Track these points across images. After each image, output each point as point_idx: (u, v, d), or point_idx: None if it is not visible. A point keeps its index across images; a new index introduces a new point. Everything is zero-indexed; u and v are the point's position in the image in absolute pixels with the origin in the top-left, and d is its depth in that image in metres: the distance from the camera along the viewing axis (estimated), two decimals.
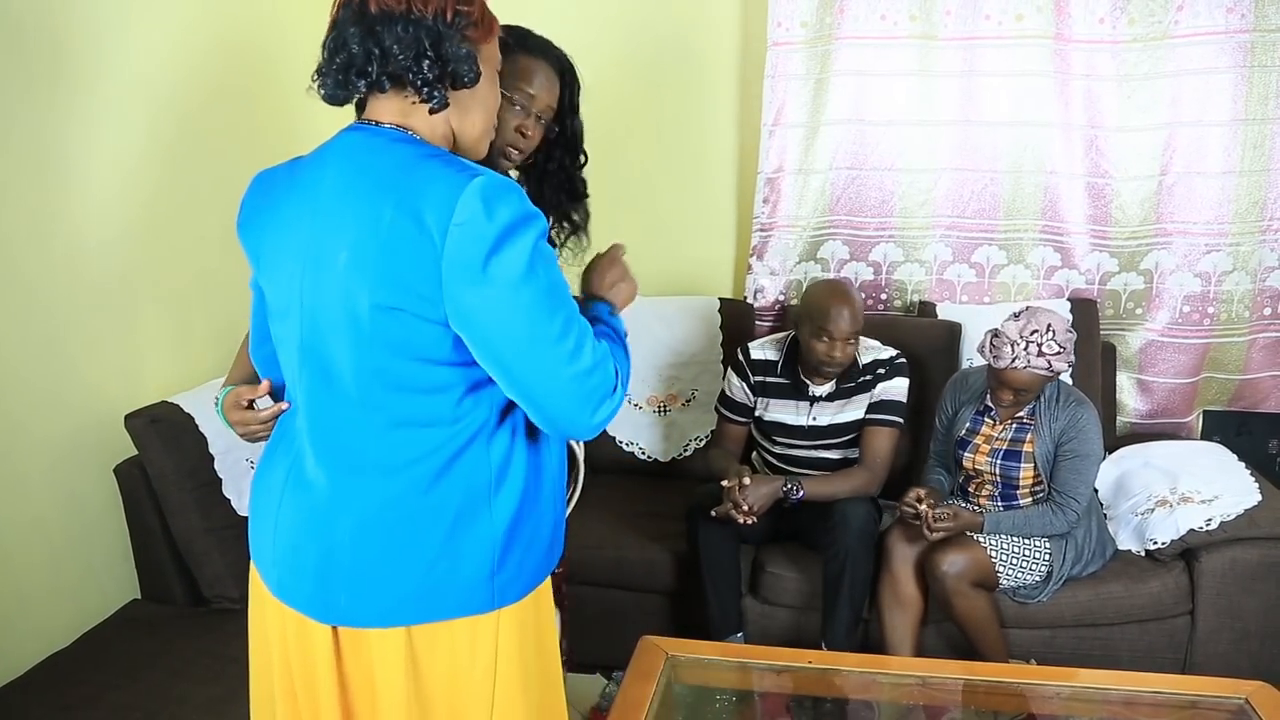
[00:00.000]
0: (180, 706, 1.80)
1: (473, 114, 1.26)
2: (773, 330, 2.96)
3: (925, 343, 2.79)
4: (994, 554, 2.31)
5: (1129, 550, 2.47)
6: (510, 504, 1.25)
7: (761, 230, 2.98)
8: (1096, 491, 2.51)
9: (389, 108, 1.22)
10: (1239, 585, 2.35)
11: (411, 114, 1.22)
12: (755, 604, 2.49)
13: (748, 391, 2.55)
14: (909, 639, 2.33)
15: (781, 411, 2.52)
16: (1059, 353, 2.23)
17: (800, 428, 2.50)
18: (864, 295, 3.00)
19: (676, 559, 2.52)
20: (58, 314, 2.04)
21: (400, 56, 1.16)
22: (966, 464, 2.42)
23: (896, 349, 2.50)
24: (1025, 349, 2.22)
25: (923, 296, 3.00)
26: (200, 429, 2.18)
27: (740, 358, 2.57)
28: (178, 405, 2.19)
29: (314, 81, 1.23)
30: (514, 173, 1.96)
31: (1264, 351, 2.90)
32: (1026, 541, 2.33)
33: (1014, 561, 2.32)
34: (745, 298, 3.06)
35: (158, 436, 2.10)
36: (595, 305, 1.38)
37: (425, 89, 1.18)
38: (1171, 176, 2.79)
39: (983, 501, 2.42)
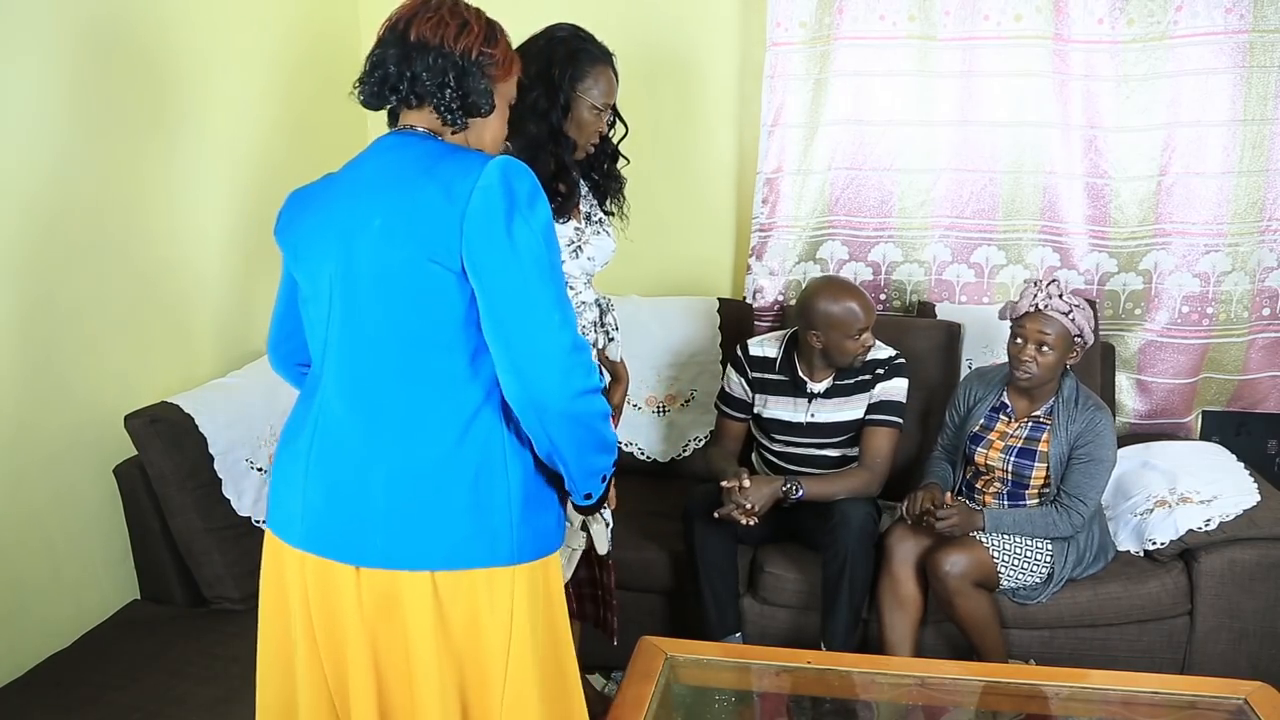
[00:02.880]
0: (180, 707, 1.80)
1: (484, 137, 1.47)
2: (771, 330, 2.97)
3: (924, 343, 2.79)
4: (996, 554, 2.31)
5: (1128, 550, 2.47)
6: (520, 468, 1.39)
7: (760, 230, 2.98)
8: None
9: (419, 118, 1.42)
10: (1238, 585, 2.35)
11: (438, 125, 1.42)
12: (754, 604, 2.50)
13: (746, 388, 2.55)
14: (908, 639, 2.33)
15: (780, 408, 2.52)
16: (1079, 307, 2.27)
17: (799, 425, 2.51)
18: None
19: (675, 559, 2.52)
20: (58, 314, 2.04)
21: (428, 82, 1.37)
22: (978, 459, 2.42)
23: (895, 349, 2.50)
24: (1045, 291, 2.28)
25: (922, 297, 3.01)
26: (200, 429, 2.18)
27: (739, 354, 2.58)
28: (178, 405, 2.19)
29: (356, 88, 1.43)
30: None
31: (1263, 352, 2.90)
32: (1029, 542, 2.33)
33: (1016, 562, 2.32)
34: (744, 298, 3.06)
35: (158, 437, 2.10)
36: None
37: (446, 113, 1.40)
38: (1170, 177, 2.79)
39: (988, 500, 2.42)
